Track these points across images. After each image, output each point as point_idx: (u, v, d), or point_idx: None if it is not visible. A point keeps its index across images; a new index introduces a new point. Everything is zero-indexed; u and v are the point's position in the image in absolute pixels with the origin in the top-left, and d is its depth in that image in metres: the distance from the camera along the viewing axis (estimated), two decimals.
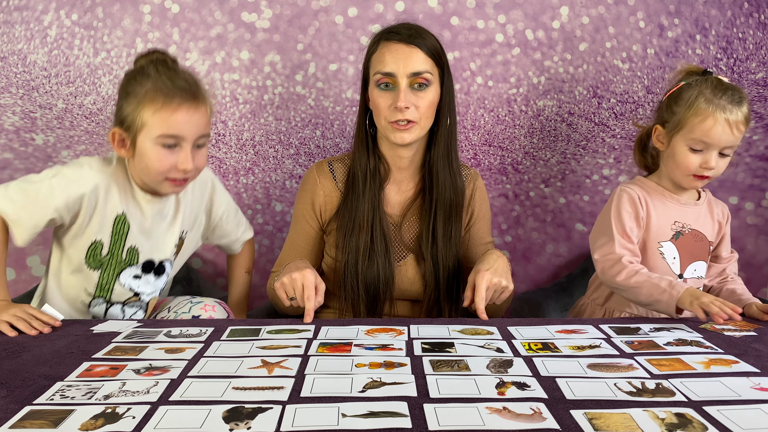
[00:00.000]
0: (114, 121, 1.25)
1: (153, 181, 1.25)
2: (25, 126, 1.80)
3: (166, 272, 1.38)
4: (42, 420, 0.75)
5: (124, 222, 1.29)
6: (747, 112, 1.30)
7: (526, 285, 1.95)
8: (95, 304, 1.34)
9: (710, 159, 1.30)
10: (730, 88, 1.30)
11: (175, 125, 1.19)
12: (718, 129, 1.27)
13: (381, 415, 0.75)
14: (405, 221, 1.42)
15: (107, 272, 1.31)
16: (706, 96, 1.29)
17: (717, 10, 1.81)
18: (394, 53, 1.30)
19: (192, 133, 1.21)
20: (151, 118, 1.18)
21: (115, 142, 1.24)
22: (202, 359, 0.96)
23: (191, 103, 1.20)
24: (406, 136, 1.31)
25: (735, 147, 1.32)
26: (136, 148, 1.22)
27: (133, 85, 1.20)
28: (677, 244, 1.38)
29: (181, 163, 1.21)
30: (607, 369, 0.92)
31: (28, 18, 1.75)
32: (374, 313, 1.37)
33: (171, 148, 1.20)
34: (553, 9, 1.81)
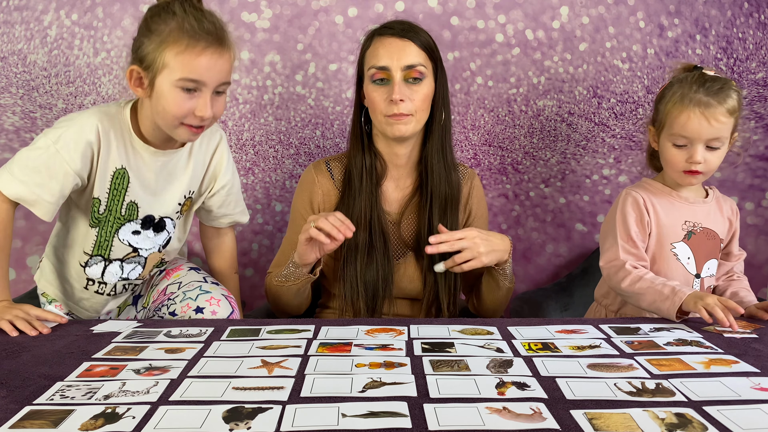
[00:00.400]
0: (132, 58, 1.20)
1: (168, 125, 1.20)
2: (25, 126, 1.80)
3: (166, 229, 1.34)
4: (42, 420, 0.75)
5: (123, 176, 1.25)
6: (732, 102, 1.28)
7: (526, 285, 1.95)
8: (92, 263, 1.31)
9: (694, 153, 1.29)
10: (710, 80, 1.29)
11: (197, 70, 1.14)
12: (694, 122, 1.27)
13: (381, 415, 0.75)
14: (404, 218, 1.42)
15: (105, 229, 1.28)
16: (683, 91, 1.30)
17: (717, 10, 1.81)
18: (388, 47, 1.31)
19: (214, 80, 1.17)
20: (173, 59, 1.13)
21: (132, 80, 1.20)
22: (202, 359, 0.96)
23: (216, 47, 1.15)
24: (402, 128, 1.32)
25: (722, 138, 1.29)
26: (155, 89, 1.17)
27: (156, 23, 1.15)
28: (690, 243, 1.37)
29: (200, 110, 1.17)
30: (607, 369, 0.92)
31: (28, 18, 1.75)
32: (374, 312, 1.37)
33: (190, 93, 1.16)
34: (553, 9, 1.81)
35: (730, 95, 1.28)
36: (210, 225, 1.49)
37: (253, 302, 1.89)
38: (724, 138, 1.29)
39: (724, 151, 1.32)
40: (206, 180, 1.39)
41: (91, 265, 1.32)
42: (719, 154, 1.31)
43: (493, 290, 1.38)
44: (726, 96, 1.27)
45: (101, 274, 1.33)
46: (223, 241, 1.52)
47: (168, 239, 1.37)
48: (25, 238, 1.82)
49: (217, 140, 1.39)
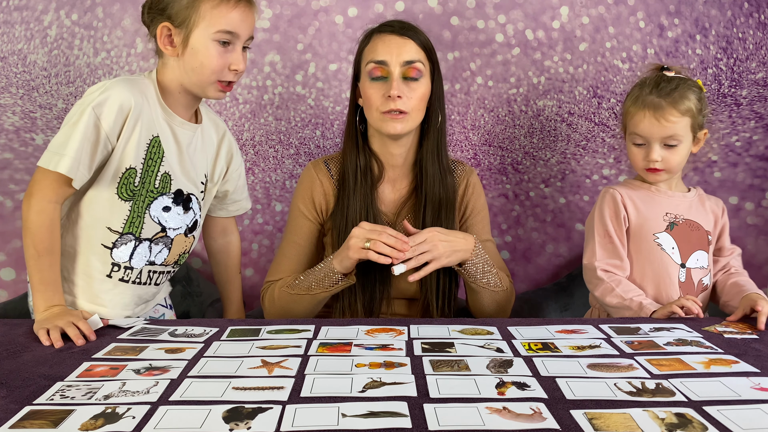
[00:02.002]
0: (157, 17, 1.21)
1: (203, 82, 1.22)
2: (25, 126, 1.80)
3: (192, 208, 1.33)
4: (42, 420, 0.75)
5: (158, 145, 1.24)
6: (686, 102, 1.33)
7: (526, 285, 1.95)
8: (120, 244, 1.25)
9: (651, 152, 1.36)
10: (666, 81, 1.35)
11: (233, 22, 1.19)
12: (645, 123, 1.35)
13: (381, 415, 0.75)
14: (400, 220, 1.42)
15: (138, 203, 1.24)
16: (638, 93, 1.38)
17: (717, 10, 1.81)
18: (387, 43, 1.31)
19: (246, 32, 1.22)
20: (210, 12, 1.18)
21: (162, 37, 1.21)
22: (202, 359, 0.96)
23: (246, 2, 1.21)
24: (398, 126, 1.32)
25: (678, 137, 1.34)
26: (189, 45, 1.20)
27: None
28: (673, 234, 1.40)
29: (235, 63, 1.21)
30: (607, 369, 0.92)
31: (28, 18, 1.75)
32: (371, 312, 1.37)
33: (225, 46, 1.20)
34: (553, 9, 1.81)
35: (684, 95, 1.33)
36: (219, 216, 1.49)
37: (253, 302, 1.89)
38: (679, 136, 1.34)
39: (685, 148, 1.36)
40: (219, 164, 1.40)
41: (119, 246, 1.25)
42: (679, 151, 1.36)
43: (472, 292, 1.37)
44: (679, 96, 1.33)
45: (129, 257, 1.26)
46: (230, 241, 1.52)
47: (194, 221, 1.35)
48: None
49: (224, 128, 1.42)
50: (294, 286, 1.33)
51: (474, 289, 1.35)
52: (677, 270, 1.40)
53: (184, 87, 1.25)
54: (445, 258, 1.27)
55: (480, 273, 1.33)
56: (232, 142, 1.43)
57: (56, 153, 1.15)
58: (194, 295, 1.79)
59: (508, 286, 1.39)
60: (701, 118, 1.37)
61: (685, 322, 1.20)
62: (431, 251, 1.26)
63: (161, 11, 1.20)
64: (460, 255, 1.29)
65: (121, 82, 1.20)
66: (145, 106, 1.22)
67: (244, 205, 1.51)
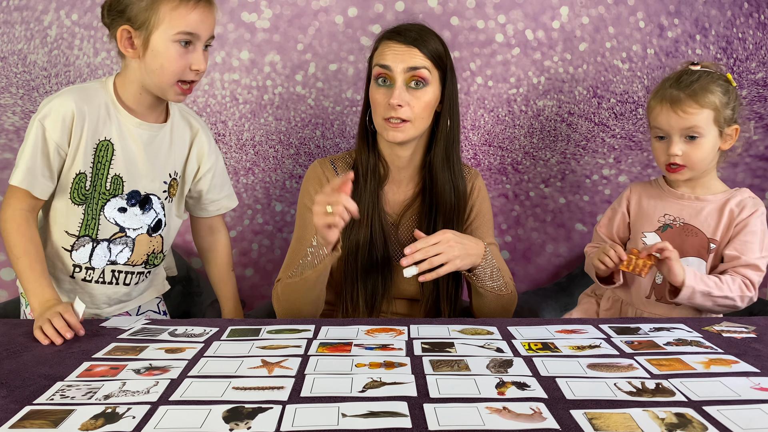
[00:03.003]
0: (118, 20, 1.22)
1: (164, 83, 1.23)
2: (25, 126, 1.79)
3: (153, 208, 1.34)
4: (42, 420, 0.75)
5: (107, 147, 1.26)
6: (707, 94, 1.31)
7: (526, 285, 1.95)
8: (79, 246, 1.29)
9: (671, 146, 1.34)
10: (688, 74, 1.34)
11: (193, 22, 1.20)
12: (663, 114, 1.34)
13: (381, 415, 0.75)
14: (402, 221, 1.42)
15: (91, 206, 1.28)
16: (660, 87, 1.38)
17: (717, 10, 1.81)
18: (394, 50, 1.31)
19: (206, 33, 1.23)
20: (169, 14, 1.18)
21: (122, 40, 1.22)
22: (202, 359, 0.96)
23: (206, 2, 1.22)
24: (398, 135, 1.32)
25: (698, 129, 1.31)
26: (149, 47, 1.21)
27: None
28: (663, 236, 1.39)
29: (195, 63, 1.22)
30: (607, 369, 0.92)
31: (28, 18, 1.75)
32: (373, 310, 1.37)
33: (186, 47, 1.21)
34: (553, 9, 1.81)
35: (705, 87, 1.31)
36: (200, 216, 1.49)
37: (253, 302, 1.89)
38: (699, 128, 1.31)
39: (708, 143, 1.33)
40: (190, 164, 1.41)
41: (78, 248, 1.29)
42: (701, 146, 1.32)
43: (478, 296, 1.37)
44: (700, 88, 1.31)
45: (89, 258, 1.31)
46: (217, 239, 1.52)
47: (157, 221, 1.35)
48: None
49: (198, 125, 1.41)
50: (291, 275, 1.32)
51: (481, 294, 1.34)
52: (655, 271, 1.39)
53: (146, 88, 1.26)
54: (459, 261, 1.26)
55: (488, 278, 1.33)
56: (205, 142, 1.42)
57: (15, 166, 1.23)
58: (194, 295, 1.79)
59: (512, 289, 1.40)
60: (729, 112, 1.33)
61: (685, 322, 1.20)
62: (446, 253, 1.24)
63: (120, 13, 1.21)
64: (472, 259, 1.29)
65: (65, 93, 1.24)
66: (90, 112, 1.24)
67: (225, 204, 1.49)
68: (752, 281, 1.34)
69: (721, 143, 1.35)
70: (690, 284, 1.27)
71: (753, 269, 1.34)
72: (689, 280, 1.27)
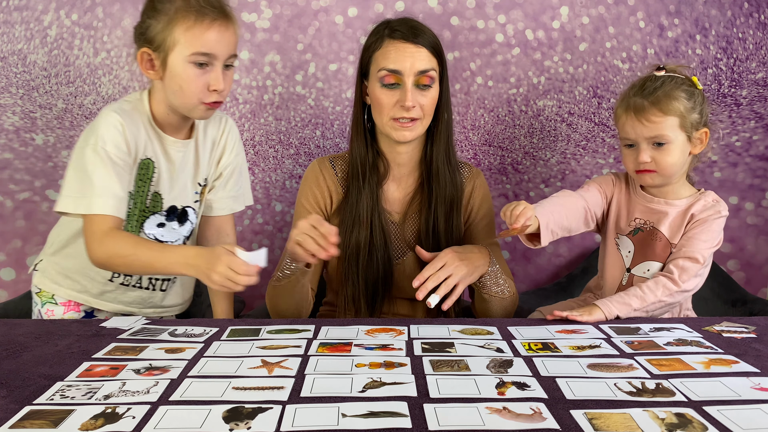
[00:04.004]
0: (139, 42, 1.21)
1: (186, 104, 1.22)
2: (25, 126, 1.80)
3: (189, 219, 1.36)
4: (42, 420, 0.75)
5: (148, 166, 1.26)
6: (671, 102, 1.28)
7: (526, 285, 1.95)
8: None
9: (640, 153, 1.31)
10: (652, 80, 1.31)
11: (208, 43, 1.17)
12: (628, 123, 1.32)
13: (381, 415, 0.75)
14: (406, 219, 1.42)
15: (131, 223, 1.28)
16: (623, 94, 1.36)
17: (717, 10, 1.81)
18: (402, 51, 1.30)
19: (224, 52, 1.19)
20: (183, 35, 1.16)
21: (143, 62, 1.21)
22: (202, 359, 0.96)
23: (223, 20, 1.18)
24: (408, 134, 1.31)
25: (665, 137, 1.29)
26: (167, 69, 1.19)
27: (162, 2, 1.18)
28: (634, 240, 1.38)
29: (213, 83, 1.19)
30: (607, 369, 0.92)
31: (28, 18, 1.75)
32: (374, 310, 1.37)
33: (202, 68, 1.18)
34: (553, 9, 1.81)
35: (669, 94, 1.28)
36: (210, 215, 1.45)
37: (253, 302, 1.89)
38: (666, 136, 1.29)
39: (676, 148, 1.30)
40: (214, 163, 1.40)
41: None
42: (670, 152, 1.30)
43: (482, 301, 1.37)
44: (664, 95, 1.28)
45: None
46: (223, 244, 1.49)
47: (192, 230, 1.38)
48: (25, 238, 1.82)
49: (224, 124, 1.40)
50: (274, 278, 1.33)
51: (485, 299, 1.35)
52: (623, 274, 1.39)
53: (172, 108, 1.25)
54: (468, 277, 1.26)
55: (494, 284, 1.33)
56: (228, 140, 1.40)
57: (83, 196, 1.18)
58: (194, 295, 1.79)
59: (514, 291, 1.40)
60: (696, 117, 1.30)
61: (685, 322, 1.20)
62: (455, 274, 1.24)
63: (142, 35, 1.21)
64: (480, 271, 1.29)
65: (110, 114, 1.21)
66: (134, 132, 1.23)
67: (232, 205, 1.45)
68: (683, 270, 1.28)
69: (691, 147, 1.33)
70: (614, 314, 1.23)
71: (689, 260, 1.29)
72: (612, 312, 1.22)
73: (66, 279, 1.35)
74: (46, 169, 1.82)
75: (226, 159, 1.40)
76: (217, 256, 1.08)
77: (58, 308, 1.36)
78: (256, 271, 1.08)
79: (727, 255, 1.90)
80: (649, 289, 1.26)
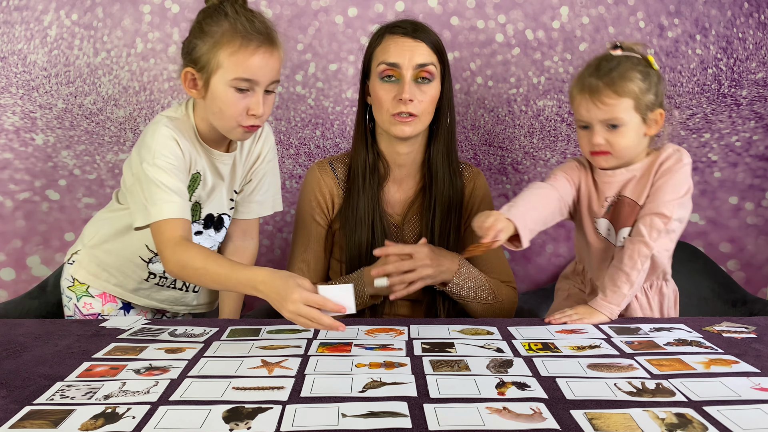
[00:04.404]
0: (185, 60, 1.22)
1: (226, 125, 1.22)
2: (25, 126, 1.80)
3: (224, 226, 1.38)
4: (42, 420, 0.75)
5: (196, 179, 1.28)
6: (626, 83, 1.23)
7: (526, 285, 1.95)
8: (156, 260, 1.33)
9: (594, 135, 1.27)
10: (607, 60, 1.27)
11: (250, 69, 1.16)
12: (583, 105, 1.27)
13: (381, 415, 0.75)
14: (406, 220, 1.42)
15: None
16: (579, 74, 1.31)
17: (717, 10, 1.81)
18: (400, 45, 1.30)
19: (266, 78, 1.19)
20: (227, 59, 1.16)
21: (186, 81, 1.21)
22: (202, 359, 0.96)
23: (268, 47, 1.18)
24: (406, 129, 1.31)
25: (619, 119, 1.24)
26: (209, 90, 1.19)
27: (209, 24, 1.17)
28: (609, 216, 1.34)
29: (253, 108, 1.18)
30: (607, 369, 0.92)
31: (28, 18, 1.75)
32: (375, 312, 1.37)
33: (243, 92, 1.18)
34: (553, 9, 1.81)
35: (624, 75, 1.24)
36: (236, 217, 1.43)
37: (253, 302, 1.89)
38: (620, 119, 1.25)
39: (631, 131, 1.26)
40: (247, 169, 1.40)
41: (155, 262, 1.34)
42: (624, 134, 1.26)
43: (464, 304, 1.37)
44: (618, 77, 1.24)
45: (163, 270, 1.33)
46: (246, 247, 1.46)
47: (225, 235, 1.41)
48: (25, 238, 1.82)
49: (261, 131, 1.39)
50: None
51: (463, 304, 1.36)
52: (611, 252, 1.34)
53: (213, 126, 1.25)
54: (430, 279, 1.28)
55: (465, 291, 1.34)
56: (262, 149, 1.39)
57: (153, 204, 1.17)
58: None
59: (504, 298, 1.39)
60: (651, 98, 1.26)
61: (685, 322, 1.20)
62: (418, 271, 1.25)
63: (187, 54, 1.21)
64: (443, 276, 1.30)
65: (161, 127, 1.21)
66: (185, 147, 1.24)
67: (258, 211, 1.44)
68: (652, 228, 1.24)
69: (646, 129, 1.28)
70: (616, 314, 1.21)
71: (657, 216, 1.25)
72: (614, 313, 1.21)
73: (103, 272, 1.37)
74: (46, 169, 1.81)
75: (258, 165, 1.40)
76: (290, 289, 0.99)
77: (96, 301, 1.37)
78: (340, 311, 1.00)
79: (727, 255, 1.90)
80: (630, 267, 1.23)
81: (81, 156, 1.81)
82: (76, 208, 1.83)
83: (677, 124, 1.84)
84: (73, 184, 1.82)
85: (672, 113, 1.50)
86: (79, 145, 1.81)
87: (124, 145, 1.82)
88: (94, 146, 1.81)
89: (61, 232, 1.83)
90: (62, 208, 1.83)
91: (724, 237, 1.89)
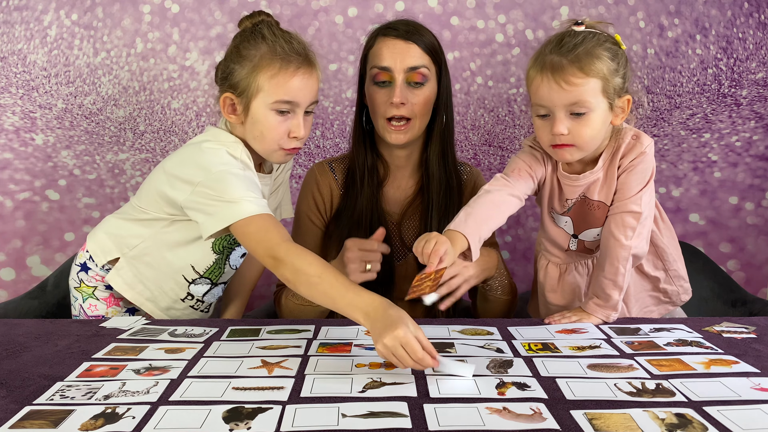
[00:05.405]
0: (223, 86, 1.20)
1: (267, 149, 1.21)
2: (25, 126, 1.80)
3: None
4: (42, 420, 0.75)
5: None
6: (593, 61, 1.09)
7: (526, 285, 1.95)
8: (199, 283, 1.31)
9: (555, 124, 1.12)
10: (570, 36, 1.12)
11: (291, 91, 1.16)
12: (544, 87, 1.12)
13: (381, 415, 0.75)
14: (405, 220, 1.42)
15: (223, 256, 1.30)
16: (537, 52, 1.16)
17: (717, 10, 1.81)
18: (392, 48, 1.30)
19: (306, 99, 1.18)
20: (267, 82, 1.15)
21: (225, 107, 1.20)
22: (202, 359, 0.96)
23: (307, 68, 1.17)
24: (402, 137, 1.31)
25: (584, 102, 1.10)
26: (249, 114, 1.18)
27: (247, 48, 1.17)
28: (570, 214, 1.28)
29: (294, 130, 1.18)
30: (607, 369, 0.92)
31: (28, 18, 1.75)
32: None
33: (284, 114, 1.17)
34: (553, 9, 1.81)
35: (591, 53, 1.10)
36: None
37: (253, 302, 1.89)
38: (586, 102, 1.10)
39: (597, 118, 1.12)
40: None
41: (198, 284, 1.32)
42: (589, 122, 1.12)
43: (486, 302, 1.37)
44: (585, 54, 1.10)
45: (203, 295, 1.34)
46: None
47: None
48: (25, 238, 1.82)
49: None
50: (299, 298, 1.30)
51: (490, 300, 1.35)
52: (569, 239, 1.29)
53: (253, 149, 1.23)
54: (474, 279, 1.26)
55: (500, 287, 1.34)
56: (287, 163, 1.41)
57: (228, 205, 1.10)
58: None
59: (516, 292, 1.40)
60: (619, 81, 1.13)
61: (685, 322, 1.19)
62: (461, 274, 1.24)
63: (224, 79, 1.20)
64: (487, 273, 1.30)
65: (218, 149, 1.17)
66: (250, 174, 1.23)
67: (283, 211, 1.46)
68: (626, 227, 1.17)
69: (612, 117, 1.15)
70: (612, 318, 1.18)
71: (628, 214, 1.17)
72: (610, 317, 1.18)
73: (139, 284, 1.31)
74: (46, 169, 1.82)
75: (277, 173, 1.40)
76: (395, 325, 0.89)
77: (101, 303, 1.35)
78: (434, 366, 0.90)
79: (727, 255, 1.90)
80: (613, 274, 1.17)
81: (81, 156, 1.81)
82: (76, 208, 1.83)
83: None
84: (72, 184, 1.82)
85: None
86: (79, 145, 1.81)
87: (124, 145, 1.82)
88: (94, 146, 1.81)
89: (61, 232, 1.83)
90: (62, 208, 1.83)
91: (724, 237, 1.89)
